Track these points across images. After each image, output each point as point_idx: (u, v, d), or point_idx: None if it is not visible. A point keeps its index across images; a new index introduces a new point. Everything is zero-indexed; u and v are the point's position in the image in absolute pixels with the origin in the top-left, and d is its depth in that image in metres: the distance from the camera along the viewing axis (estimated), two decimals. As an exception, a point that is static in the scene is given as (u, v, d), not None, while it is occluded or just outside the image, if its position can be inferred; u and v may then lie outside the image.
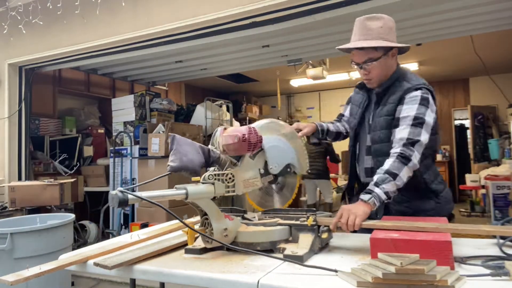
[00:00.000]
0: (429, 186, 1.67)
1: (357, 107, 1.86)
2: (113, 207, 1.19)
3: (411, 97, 1.60)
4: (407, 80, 1.67)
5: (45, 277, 1.33)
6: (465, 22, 3.75)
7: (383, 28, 1.62)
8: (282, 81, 7.69)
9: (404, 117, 1.58)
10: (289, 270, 1.20)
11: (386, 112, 1.67)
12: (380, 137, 1.68)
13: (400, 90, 1.65)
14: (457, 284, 1.01)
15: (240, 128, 1.43)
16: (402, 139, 1.54)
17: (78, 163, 5.58)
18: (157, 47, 3.91)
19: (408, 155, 1.50)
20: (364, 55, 1.65)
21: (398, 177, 1.47)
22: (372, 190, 1.45)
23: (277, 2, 2.96)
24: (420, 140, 1.53)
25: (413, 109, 1.57)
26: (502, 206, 5.14)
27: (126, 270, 1.33)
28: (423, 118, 1.55)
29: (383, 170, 1.49)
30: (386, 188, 1.45)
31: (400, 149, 1.51)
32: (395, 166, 1.48)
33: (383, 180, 1.46)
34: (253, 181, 1.51)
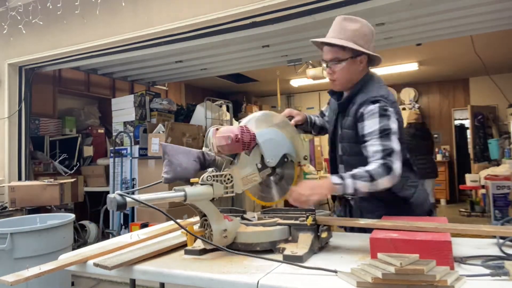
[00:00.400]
0: (397, 195, 1.63)
1: (332, 113, 1.84)
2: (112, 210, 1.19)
3: (369, 112, 1.56)
4: (366, 91, 1.63)
5: (45, 277, 1.33)
6: (465, 22, 3.75)
7: (358, 31, 1.62)
8: (282, 81, 7.69)
9: (369, 133, 1.54)
10: (288, 270, 1.20)
11: (348, 125, 1.66)
12: (347, 149, 1.69)
13: (357, 102, 1.62)
14: (457, 284, 1.01)
15: (232, 128, 1.42)
16: (377, 151, 1.49)
17: (78, 163, 5.58)
18: (157, 47, 3.91)
19: (390, 165, 1.46)
20: (332, 53, 1.65)
21: (375, 182, 1.43)
22: (345, 178, 1.43)
23: (277, 2, 2.96)
24: (394, 150, 1.49)
25: (375, 122, 1.53)
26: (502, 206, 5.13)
27: (126, 270, 1.33)
28: (389, 128, 1.52)
29: (364, 169, 1.46)
30: (358, 186, 1.43)
31: (382, 160, 1.47)
32: (378, 171, 1.44)
33: (361, 176, 1.43)
34: (252, 177, 1.50)
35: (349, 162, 1.69)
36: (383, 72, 7.42)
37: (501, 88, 7.50)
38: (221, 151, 1.43)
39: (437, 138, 8.94)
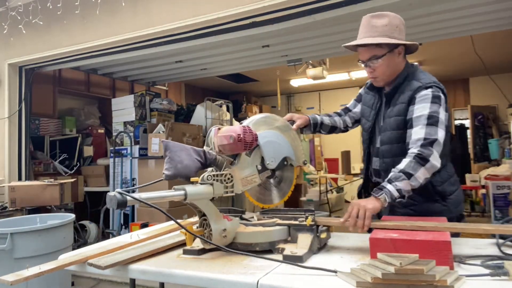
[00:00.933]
0: (436, 188, 1.62)
1: (370, 109, 1.82)
2: (112, 208, 1.19)
3: (422, 96, 1.56)
4: (417, 79, 1.63)
5: (45, 277, 1.33)
6: (465, 22, 3.75)
7: (388, 26, 1.61)
8: (282, 81, 7.69)
9: (417, 117, 1.53)
10: (288, 270, 1.20)
11: (397, 112, 1.63)
12: (390, 137, 1.65)
13: (409, 89, 1.61)
14: (456, 284, 1.01)
15: (235, 128, 1.42)
16: (419, 139, 1.49)
17: (78, 163, 5.58)
18: (157, 47, 3.91)
19: (426, 155, 1.45)
20: (368, 53, 1.63)
21: (413, 177, 1.42)
22: (384, 186, 1.42)
23: (277, 2, 2.96)
24: (437, 139, 1.48)
25: (426, 107, 1.53)
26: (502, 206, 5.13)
27: (125, 270, 1.33)
28: (437, 116, 1.51)
29: (398, 169, 1.45)
30: (399, 186, 1.41)
31: (417, 150, 1.46)
32: (411, 166, 1.43)
33: (396, 178, 1.42)
34: (252, 178, 1.50)
35: (386, 152, 1.67)
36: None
37: (501, 88, 7.50)
38: (222, 151, 1.43)
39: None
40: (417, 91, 1.58)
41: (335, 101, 9.37)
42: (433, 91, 1.56)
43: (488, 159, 7.61)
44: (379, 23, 1.62)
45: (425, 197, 1.62)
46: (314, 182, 7.90)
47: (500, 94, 7.65)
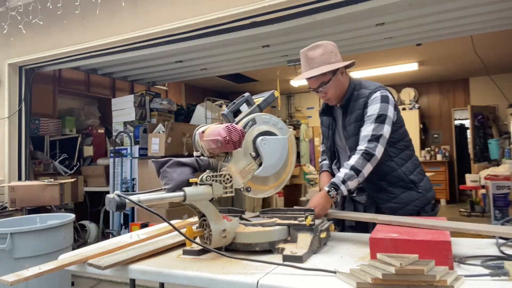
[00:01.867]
0: (408, 177, 1.81)
1: (327, 129, 2.03)
2: (111, 210, 1.19)
3: (373, 99, 1.77)
4: (365, 87, 1.83)
5: (45, 277, 1.33)
6: (465, 22, 3.75)
7: (324, 54, 1.78)
8: (282, 81, 7.69)
9: (368, 116, 1.75)
10: (288, 270, 1.20)
11: (355, 118, 1.81)
12: (355, 142, 1.79)
13: (362, 96, 1.81)
14: (456, 284, 1.01)
15: (218, 130, 1.37)
16: (366, 136, 1.70)
17: (78, 163, 5.58)
18: (157, 47, 3.91)
19: (371, 150, 1.66)
20: (316, 82, 1.81)
21: (360, 173, 1.65)
22: (338, 186, 1.63)
23: (277, 2, 2.96)
24: (382, 134, 1.69)
25: (376, 108, 1.74)
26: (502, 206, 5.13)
27: (125, 270, 1.33)
28: (385, 114, 1.73)
29: (349, 165, 1.66)
30: (350, 186, 1.64)
31: (365, 146, 1.68)
32: (360, 162, 1.65)
33: (349, 178, 1.64)
34: (249, 168, 1.50)
35: None
36: (383, 72, 7.41)
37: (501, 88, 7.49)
38: (213, 153, 1.43)
39: (437, 138, 8.95)
40: (369, 96, 1.79)
41: (335, 101, 9.36)
42: (381, 92, 1.78)
43: (488, 159, 7.61)
44: (316, 54, 1.78)
45: (402, 187, 1.81)
46: (314, 182, 7.89)
47: (500, 94, 7.65)
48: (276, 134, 1.58)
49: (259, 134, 1.53)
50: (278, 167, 1.59)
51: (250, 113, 1.56)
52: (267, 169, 1.54)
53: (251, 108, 1.59)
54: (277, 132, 1.59)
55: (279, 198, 6.77)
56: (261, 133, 1.54)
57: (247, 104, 1.60)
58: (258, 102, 1.61)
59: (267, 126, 1.57)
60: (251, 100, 1.60)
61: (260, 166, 1.52)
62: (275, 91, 1.65)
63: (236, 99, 1.59)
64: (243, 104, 1.59)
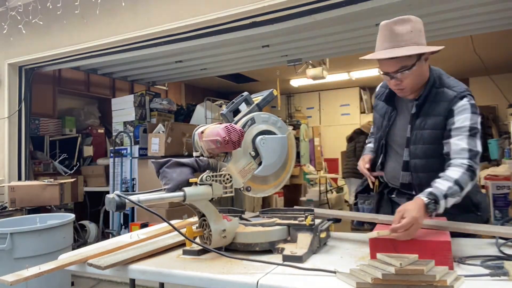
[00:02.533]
0: (471, 199, 1.56)
1: (381, 118, 1.75)
2: (111, 211, 1.19)
3: (461, 107, 1.49)
4: (448, 87, 1.55)
5: (45, 277, 1.33)
6: (465, 22, 3.75)
7: (413, 32, 1.49)
8: (282, 81, 7.69)
9: (459, 128, 1.47)
10: (288, 270, 1.20)
11: (433, 125, 1.54)
12: (425, 152, 1.56)
13: (444, 99, 1.53)
14: (456, 284, 1.01)
15: (217, 130, 1.36)
16: (464, 150, 1.44)
17: (78, 163, 5.58)
18: (157, 47, 3.91)
19: (474, 169, 1.41)
20: (396, 64, 1.49)
21: (463, 192, 1.38)
22: (439, 201, 1.31)
23: (277, 2, 2.96)
24: (479, 152, 1.45)
25: (467, 118, 1.47)
26: (502, 206, 5.13)
27: (125, 270, 1.33)
28: (478, 128, 1.48)
29: (453, 179, 1.37)
30: (449, 203, 1.35)
31: (468, 162, 1.41)
32: (464, 179, 1.38)
33: (452, 194, 1.34)
34: (249, 167, 1.49)
35: (420, 166, 1.58)
36: (383, 72, 7.40)
37: (501, 88, 7.50)
38: (212, 153, 1.43)
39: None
40: (454, 102, 1.50)
41: (335, 101, 9.37)
42: (469, 99, 1.50)
43: (488, 159, 7.59)
44: (403, 30, 1.48)
45: (461, 209, 1.51)
46: (314, 182, 7.90)
47: (500, 94, 7.65)
48: (276, 133, 1.57)
49: (258, 134, 1.53)
50: (278, 166, 1.58)
51: (249, 113, 1.56)
52: (267, 168, 1.54)
53: (250, 107, 1.58)
54: (276, 131, 1.58)
55: (279, 198, 6.78)
56: (260, 132, 1.53)
57: (246, 103, 1.59)
58: (257, 101, 1.60)
59: (266, 125, 1.56)
60: (250, 99, 1.59)
61: (260, 166, 1.52)
62: (274, 90, 1.61)
63: (235, 99, 1.58)
64: (242, 104, 1.59)
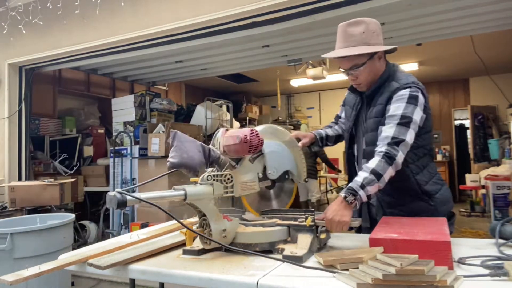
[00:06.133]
0: (422, 188, 1.64)
1: (351, 109, 1.84)
2: (112, 208, 1.18)
3: (399, 96, 1.57)
4: (396, 80, 1.64)
5: (45, 277, 1.33)
6: (465, 22, 3.75)
7: (366, 33, 1.59)
8: (282, 81, 7.69)
9: (391, 116, 1.56)
10: (288, 271, 1.20)
11: (376, 113, 1.65)
12: (372, 139, 1.64)
13: (388, 90, 1.63)
14: (456, 284, 1.01)
15: (243, 130, 1.42)
16: (387, 137, 1.52)
17: (78, 163, 5.58)
18: (157, 47, 3.91)
19: (393, 155, 1.48)
20: (349, 62, 1.62)
21: (381, 178, 1.46)
22: (357, 192, 1.43)
23: (277, 2, 2.96)
24: (405, 140, 1.51)
25: (401, 107, 1.54)
26: (502, 206, 5.13)
27: (125, 270, 1.33)
28: (410, 117, 1.53)
29: (369, 168, 1.47)
30: (370, 191, 1.45)
31: (385, 148, 1.49)
32: (381, 166, 1.47)
33: (368, 182, 1.44)
34: (251, 185, 1.50)
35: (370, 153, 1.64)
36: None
37: (501, 88, 7.51)
38: (227, 152, 1.43)
39: (437, 138, 8.95)
40: (395, 92, 1.59)
41: (335, 101, 9.36)
42: (411, 91, 1.57)
43: (488, 159, 7.61)
44: (356, 31, 1.58)
45: (413, 197, 1.64)
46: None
47: (500, 94, 7.66)
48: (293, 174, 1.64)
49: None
50: None
51: None
52: None
53: None
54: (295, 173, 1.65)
55: (279, 198, 6.77)
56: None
57: None
58: None
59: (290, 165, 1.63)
60: None
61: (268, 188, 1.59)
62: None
63: None
64: None
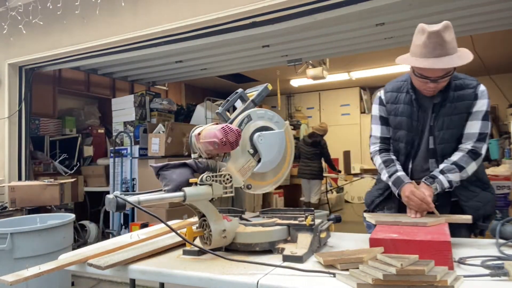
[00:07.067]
0: (484, 177, 1.71)
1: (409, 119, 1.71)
2: (111, 211, 1.18)
3: (482, 92, 1.63)
4: (464, 78, 1.69)
5: (45, 277, 1.33)
6: (465, 22, 3.75)
7: (454, 39, 1.55)
8: (282, 81, 7.68)
9: (476, 112, 1.61)
10: (288, 270, 1.20)
11: (462, 109, 1.63)
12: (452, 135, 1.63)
13: (467, 86, 1.65)
14: (456, 284, 1.01)
15: (214, 131, 1.35)
16: (474, 134, 1.59)
17: (78, 163, 5.58)
18: (157, 47, 3.91)
19: (478, 149, 1.57)
20: (442, 71, 1.54)
21: (464, 170, 1.53)
22: (436, 176, 1.51)
23: (277, 2, 2.96)
24: (488, 133, 1.60)
25: (485, 103, 1.62)
26: (502, 206, 5.13)
27: (125, 270, 1.33)
28: (488, 110, 1.63)
29: (451, 161, 1.55)
30: (451, 177, 1.51)
31: (471, 145, 1.58)
32: (464, 160, 1.54)
33: (449, 170, 1.52)
34: (248, 165, 1.49)
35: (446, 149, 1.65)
36: (383, 72, 7.42)
37: (501, 88, 7.50)
38: (211, 154, 1.43)
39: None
40: (476, 88, 1.64)
41: (335, 101, 9.37)
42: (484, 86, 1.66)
43: (488, 159, 7.59)
44: (449, 37, 1.53)
45: (479, 187, 1.67)
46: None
47: (500, 94, 7.65)
48: (273, 129, 1.57)
49: (255, 130, 1.52)
50: (277, 162, 1.57)
51: (245, 109, 1.55)
52: (266, 165, 1.53)
53: (245, 104, 1.58)
54: (273, 126, 1.57)
55: (279, 198, 6.78)
56: (258, 129, 1.53)
57: (241, 100, 1.58)
58: (252, 97, 1.59)
59: (263, 121, 1.55)
60: (245, 96, 1.58)
61: (259, 163, 1.52)
62: (268, 84, 1.60)
63: (229, 96, 1.58)
64: (237, 101, 1.58)
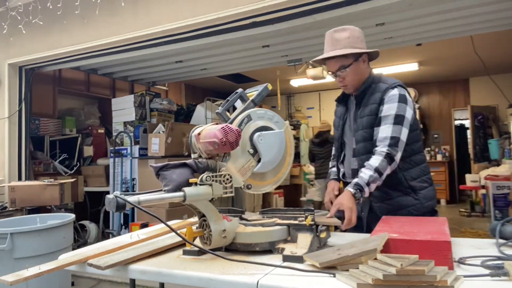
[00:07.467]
0: (408, 183, 1.76)
1: (339, 119, 1.99)
2: (110, 211, 1.18)
3: (390, 96, 1.71)
4: (383, 81, 1.79)
5: (45, 277, 1.33)
6: (465, 22, 3.75)
7: (350, 38, 1.74)
8: (282, 81, 7.69)
9: (386, 116, 1.69)
10: (288, 271, 1.20)
11: (369, 112, 1.76)
12: (364, 136, 1.77)
13: (379, 90, 1.76)
14: (456, 284, 1.01)
15: (214, 131, 1.35)
16: (386, 138, 1.66)
17: (78, 163, 5.58)
18: (157, 47, 3.91)
19: (393, 155, 1.63)
20: (336, 64, 1.77)
21: (382, 176, 1.61)
22: (362, 188, 1.57)
23: (277, 2, 2.96)
24: (400, 139, 1.66)
25: (393, 107, 1.69)
26: (502, 206, 5.13)
27: (125, 270, 1.33)
28: (403, 116, 1.68)
29: (372, 166, 1.60)
30: (372, 189, 1.60)
31: (386, 149, 1.63)
32: (383, 165, 1.61)
33: (373, 180, 1.59)
34: (248, 165, 1.49)
35: (361, 149, 1.79)
36: (383, 72, 7.40)
37: (501, 88, 7.50)
38: (211, 154, 1.43)
39: (437, 138, 8.95)
40: (386, 92, 1.73)
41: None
42: (399, 90, 1.73)
43: (488, 159, 7.60)
44: (341, 36, 1.75)
45: (399, 191, 1.76)
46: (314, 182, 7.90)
47: (500, 94, 7.66)
48: (273, 128, 1.57)
49: (255, 130, 1.52)
50: (277, 162, 1.57)
51: (245, 109, 1.55)
52: (266, 165, 1.53)
53: (245, 104, 1.58)
54: (273, 126, 1.57)
55: (279, 198, 6.78)
56: (258, 129, 1.53)
57: (241, 100, 1.58)
58: (252, 96, 1.59)
59: (263, 121, 1.56)
60: (244, 96, 1.59)
61: (259, 162, 1.52)
62: (268, 84, 1.61)
63: (229, 96, 1.58)
64: (237, 101, 1.59)
